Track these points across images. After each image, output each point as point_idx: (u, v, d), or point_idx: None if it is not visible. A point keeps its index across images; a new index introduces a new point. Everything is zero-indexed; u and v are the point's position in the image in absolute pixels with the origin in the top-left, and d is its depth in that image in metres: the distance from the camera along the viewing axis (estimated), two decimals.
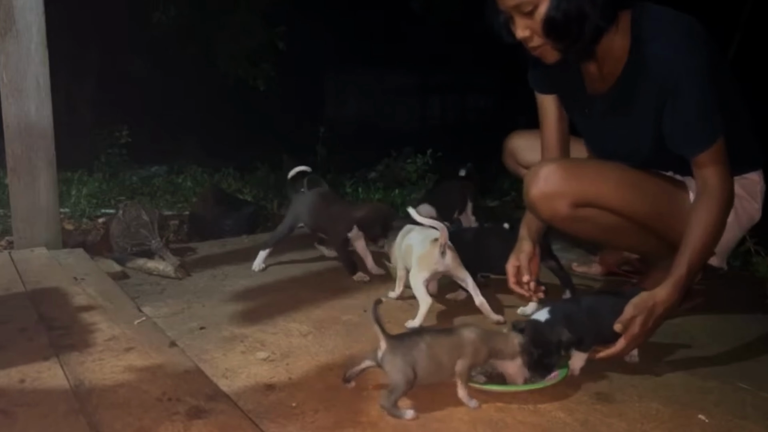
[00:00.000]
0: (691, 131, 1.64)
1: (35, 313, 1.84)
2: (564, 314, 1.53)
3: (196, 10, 6.94)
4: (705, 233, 1.59)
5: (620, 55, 1.71)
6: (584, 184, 1.81)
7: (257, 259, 2.50)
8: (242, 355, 1.67)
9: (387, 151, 5.69)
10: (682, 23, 1.64)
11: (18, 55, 2.54)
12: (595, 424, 1.35)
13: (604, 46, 1.68)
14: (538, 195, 1.81)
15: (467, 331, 1.42)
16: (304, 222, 2.51)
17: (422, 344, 1.36)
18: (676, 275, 1.56)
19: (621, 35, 1.68)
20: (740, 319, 2.09)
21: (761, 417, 1.41)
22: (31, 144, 2.60)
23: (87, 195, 4.24)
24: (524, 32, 1.61)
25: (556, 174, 1.80)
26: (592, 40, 1.62)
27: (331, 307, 2.06)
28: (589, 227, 1.87)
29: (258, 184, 5.05)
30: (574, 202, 1.80)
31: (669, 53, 1.61)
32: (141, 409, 1.29)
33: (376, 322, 1.35)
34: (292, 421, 1.32)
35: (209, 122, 8.60)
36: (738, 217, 1.84)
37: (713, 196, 1.62)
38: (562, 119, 1.97)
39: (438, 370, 1.37)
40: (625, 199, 1.82)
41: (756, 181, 1.90)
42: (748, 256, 2.72)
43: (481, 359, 1.41)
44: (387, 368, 1.36)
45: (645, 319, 1.51)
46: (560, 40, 1.60)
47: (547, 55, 1.66)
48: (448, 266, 1.88)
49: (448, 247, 1.87)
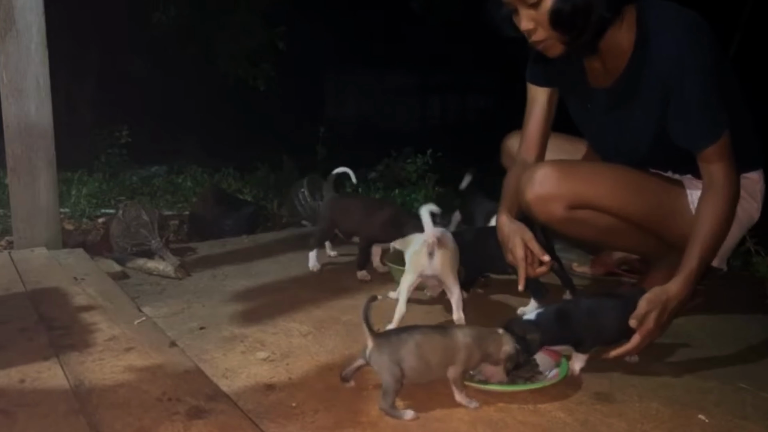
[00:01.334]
0: (696, 126, 1.64)
1: (35, 313, 1.84)
2: (558, 315, 1.53)
3: (196, 10, 6.94)
4: (714, 227, 1.60)
5: (625, 49, 1.71)
6: (580, 185, 1.81)
7: (310, 261, 2.49)
8: (242, 355, 1.67)
9: (387, 151, 5.68)
10: (686, 18, 1.64)
11: (18, 55, 2.54)
12: (595, 424, 1.35)
13: (608, 41, 1.68)
14: (533, 198, 1.81)
15: (461, 334, 1.38)
16: (339, 224, 2.48)
17: (411, 343, 1.34)
18: (687, 269, 1.57)
19: (626, 30, 1.68)
20: (740, 319, 2.08)
21: (761, 417, 1.41)
22: (31, 144, 2.60)
23: (87, 195, 4.24)
24: (528, 24, 1.60)
25: (551, 176, 1.80)
26: (597, 33, 1.62)
27: (331, 307, 2.06)
28: (586, 229, 1.87)
29: (258, 184, 5.05)
30: (570, 204, 1.80)
31: (673, 50, 1.62)
32: (141, 409, 1.29)
33: (364, 320, 1.34)
34: (292, 421, 1.32)
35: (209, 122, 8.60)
36: (738, 217, 1.84)
37: (720, 192, 1.63)
38: (549, 117, 1.96)
39: (428, 369, 1.35)
40: (621, 200, 1.82)
41: (756, 181, 1.90)
42: (748, 256, 2.72)
43: (473, 364, 1.39)
44: (374, 367, 1.35)
45: (660, 314, 1.52)
46: (566, 33, 1.60)
47: (551, 48, 1.65)
48: (436, 269, 1.77)
49: (440, 249, 1.77)
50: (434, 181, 5.01)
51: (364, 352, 1.36)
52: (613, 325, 1.54)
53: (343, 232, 2.51)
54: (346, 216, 2.45)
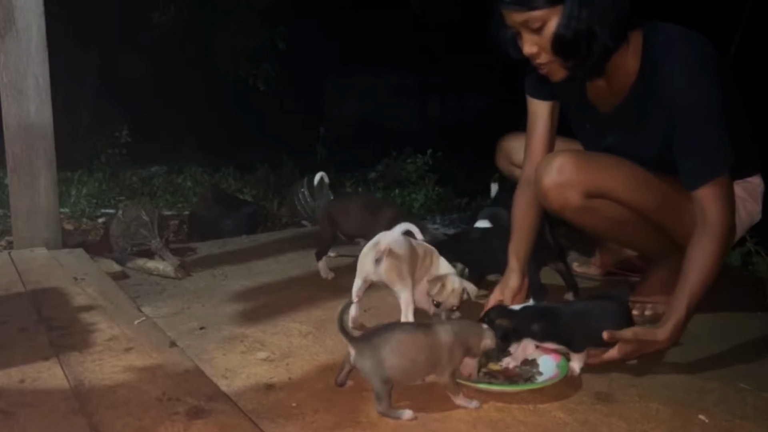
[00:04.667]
0: (693, 164, 1.62)
1: (35, 313, 1.84)
2: (544, 311, 1.55)
3: (195, 10, 6.94)
4: (703, 275, 1.57)
5: (630, 73, 1.70)
6: (597, 174, 1.79)
7: (321, 272, 2.40)
8: (242, 355, 1.67)
9: (387, 151, 5.69)
10: (692, 46, 1.63)
11: (18, 55, 2.54)
12: (595, 424, 1.35)
13: (614, 64, 1.67)
14: (550, 184, 1.78)
15: (443, 332, 1.37)
16: (340, 227, 2.40)
17: (392, 342, 1.33)
18: (676, 318, 1.55)
19: (632, 55, 1.67)
20: (740, 319, 2.08)
21: (761, 417, 1.41)
22: (31, 144, 2.60)
23: (87, 195, 4.24)
24: (532, 48, 1.60)
25: (569, 164, 1.77)
26: (601, 60, 1.61)
27: (331, 307, 2.06)
28: (598, 219, 1.86)
29: (258, 184, 5.06)
30: (586, 193, 1.78)
31: (679, 82, 1.60)
32: (141, 409, 1.29)
33: (341, 329, 1.33)
34: (292, 421, 1.32)
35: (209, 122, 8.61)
36: (740, 218, 1.84)
37: (713, 236, 1.58)
38: (552, 130, 1.93)
39: (414, 368, 1.34)
40: (636, 190, 1.80)
41: (757, 184, 1.92)
42: (748, 256, 2.72)
43: (457, 361, 1.38)
44: (361, 372, 1.35)
45: (638, 349, 1.54)
46: (568, 58, 1.59)
47: (554, 72, 1.65)
48: (381, 276, 1.75)
49: (388, 257, 1.73)
50: (434, 181, 5.02)
51: (349, 358, 1.36)
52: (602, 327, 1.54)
53: (344, 234, 2.43)
54: (346, 218, 2.41)
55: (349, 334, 1.35)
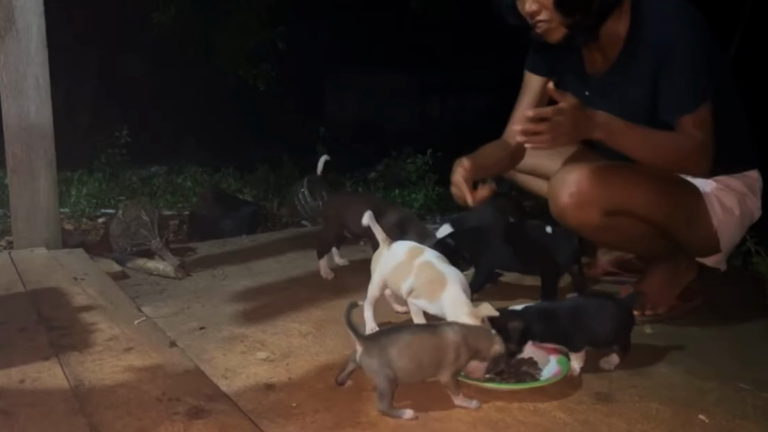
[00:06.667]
0: (675, 94, 1.68)
1: (35, 313, 1.84)
2: (544, 311, 1.54)
3: (195, 10, 6.94)
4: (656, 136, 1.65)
5: (622, 36, 1.75)
6: (614, 191, 1.74)
7: (321, 270, 2.38)
8: (242, 355, 1.67)
9: (387, 151, 5.69)
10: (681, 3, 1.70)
11: (18, 55, 2.54)
12: (595, 424, 1.35)
13: (607, 30, 1.72)
14: (568, 203, 1.72)
15: (451, 332, 1.36)
16: (347, 224, 2.32)
17: (400, 342, 1.33)
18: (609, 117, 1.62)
19: (623, 18, 1.73)
20: (740, 319, 2.08)
21: (761, 417, 1.41)
22: (31, 144, 2.59)
23: (87, 195, 4.24)
24: (533, 6, 1.65)
25: (586, 180, 1.71)
26: (599, 17, 1.66)
27: (331, 307, 2.06)
28: (615, 236, 1.85)
29: (258, 184, 5.06)
30: (605, 211, 1.73)
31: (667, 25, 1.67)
32: (141, 409, 1.29)
33: (349, 326, 1.34)
34: (292, 421, 1.32)
35: (209, 122, 8.60)
36: (740, 214, 1.85)
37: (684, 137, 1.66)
38: (538, 105, 1.94)
39: (419, 368, 1.34)
40: (653, 205, 1.77)
41: (755, 179, 1.92)
42: (748, 256, 2.71)
43: (463, 362, 1.37)
44: (366, 370, 1.35)
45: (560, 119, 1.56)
46: (569, 15, 1.63)
47: (553, 32, 1.69)
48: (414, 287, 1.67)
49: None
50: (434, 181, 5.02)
51: (355, 356, 1.36)
52: (601, 327, 1.54)
53: (351, 233, 2.36)
54: (353, 216, 2.35)
55: (356, 330, 1.35)
